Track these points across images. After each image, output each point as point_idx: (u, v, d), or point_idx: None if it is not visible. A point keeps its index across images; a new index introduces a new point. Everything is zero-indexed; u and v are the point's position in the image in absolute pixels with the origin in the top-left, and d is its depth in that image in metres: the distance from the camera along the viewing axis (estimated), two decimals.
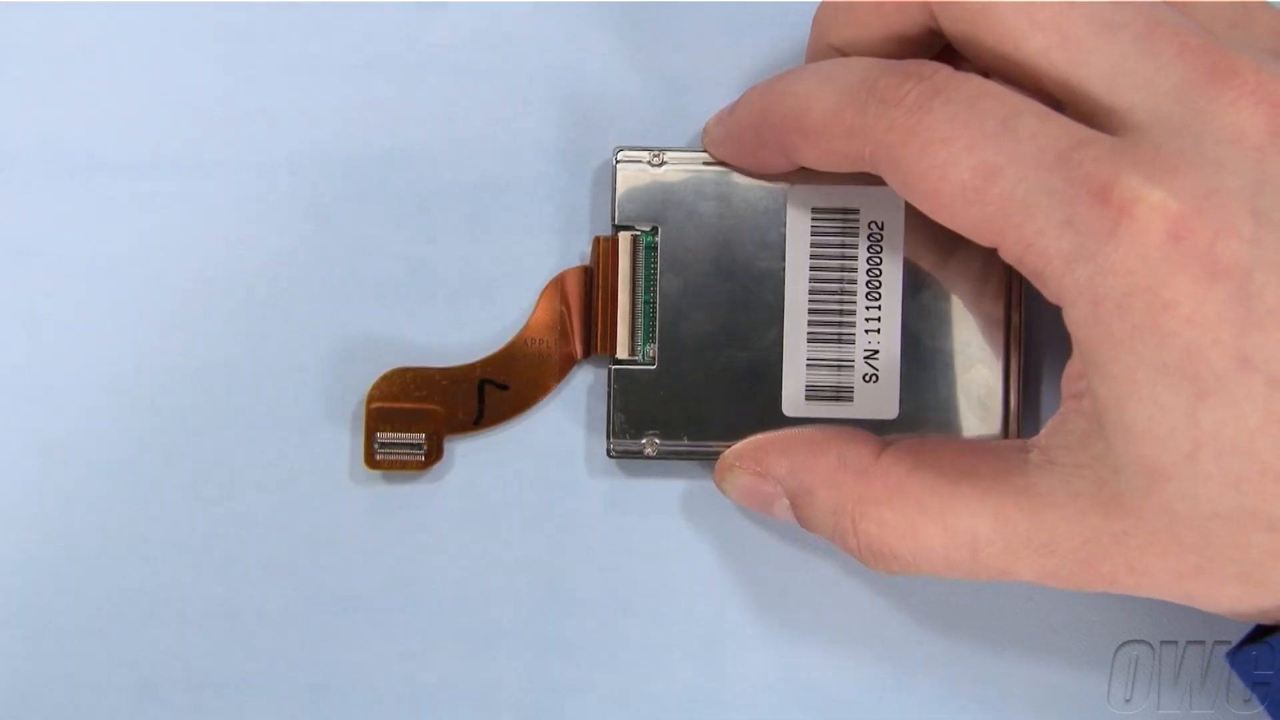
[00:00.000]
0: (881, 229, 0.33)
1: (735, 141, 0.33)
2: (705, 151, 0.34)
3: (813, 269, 0.33)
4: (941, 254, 0.34)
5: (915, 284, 0.34)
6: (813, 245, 0.33)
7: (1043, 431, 0.29)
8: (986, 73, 0.29)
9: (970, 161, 0.27)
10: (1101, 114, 0.28)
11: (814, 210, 0.33)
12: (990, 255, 0.28)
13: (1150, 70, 0.27)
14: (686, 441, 0.34)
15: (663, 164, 0.34)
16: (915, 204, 0.28)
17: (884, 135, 0.28)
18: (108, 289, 0.34)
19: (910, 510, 0.30)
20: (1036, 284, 0.28)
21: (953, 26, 0.29)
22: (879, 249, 0.33)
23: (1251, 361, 0.26)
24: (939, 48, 0.31)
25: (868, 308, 0.33)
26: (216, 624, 0.34)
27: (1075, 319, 0.27)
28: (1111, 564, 0.28)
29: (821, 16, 0.32)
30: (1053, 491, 0.28)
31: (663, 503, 0.35)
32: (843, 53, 0.32)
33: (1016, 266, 0.28)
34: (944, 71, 0.28)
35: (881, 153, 0.28)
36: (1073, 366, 0.29)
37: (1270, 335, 0.26)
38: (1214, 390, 0.26)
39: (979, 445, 0.31)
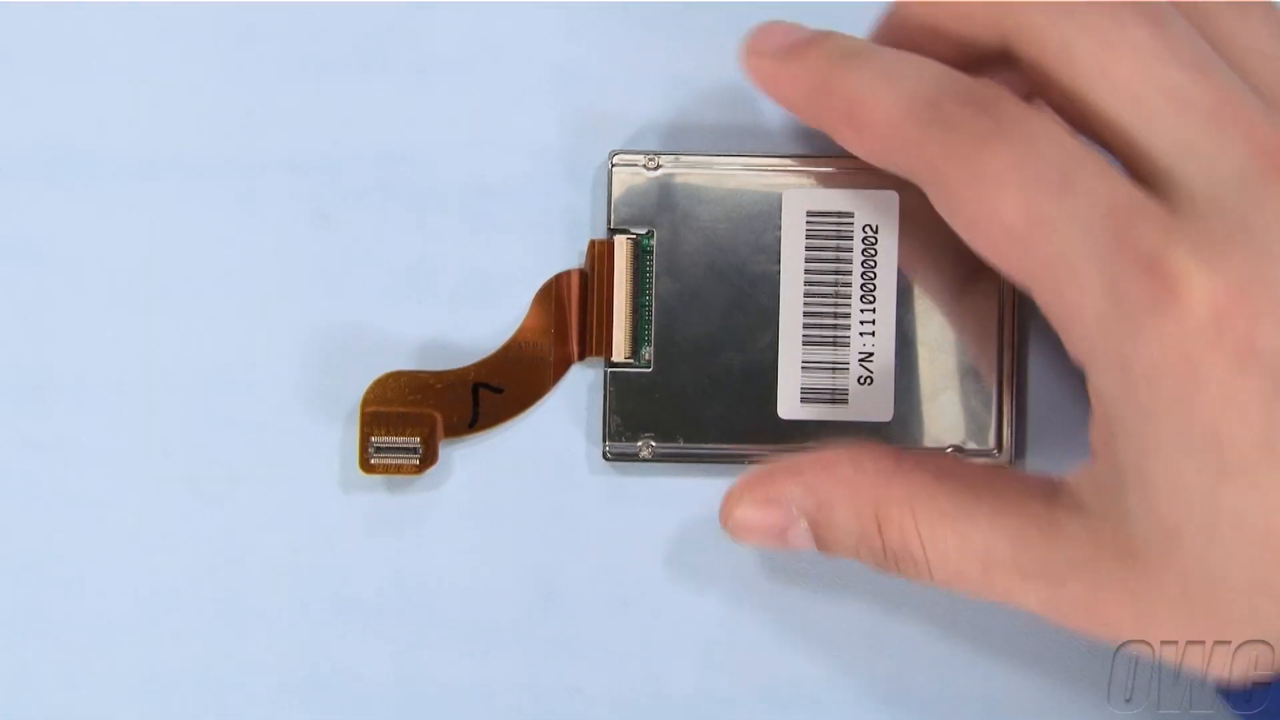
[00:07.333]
0: (876, 232, 0.33)
1: (779, 86, 0.31)
2: (743, 67, 0.31)
3: (808, 272, 0.33)
4: (936, 257, 0.33)
5: (909, 287, 0.34)
6: (808, 248, 0.33)
7: (1073, 474, 0.29)
8: (1051, 104, 0.29)
9: (1023, 206, 0.27)
10: (1158, 176, 0.27)
11: (809, 213, 0.33)
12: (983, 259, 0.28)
13: (1214, 150, 0.27)
14: (682, 444, 0.34)
15: (658, 167, 0.34)
16: (954, 227, 0.28)
17: (938, 158, 0.28)
18: (107, 289, 0.34)
19: (932, 515, 0.29)
20: (1059, 332, 0.27)
21: (1028, 62, 0.29)
22: (873, 252, 0.33)
23: (1277, 449, 0.26)
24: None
25: (862, 311, 0.33)
26: (216, 624, 0.35)
27: (1101, 381, 0.27)
28: (1119, 613, 0.28)
29: (886, 31, 0.31)
30: (1077, 535, 0.28)
31: (659, 504, 0.35)
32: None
33: (1043, 309, 0.28)
34: (1008, 103, 0.28)
35: (932, 174, 0.28)
36: (1096, 421, 0.28)
37: None
38: (1238, 473, 0.26)
39: (1006, 471, 0.31)
